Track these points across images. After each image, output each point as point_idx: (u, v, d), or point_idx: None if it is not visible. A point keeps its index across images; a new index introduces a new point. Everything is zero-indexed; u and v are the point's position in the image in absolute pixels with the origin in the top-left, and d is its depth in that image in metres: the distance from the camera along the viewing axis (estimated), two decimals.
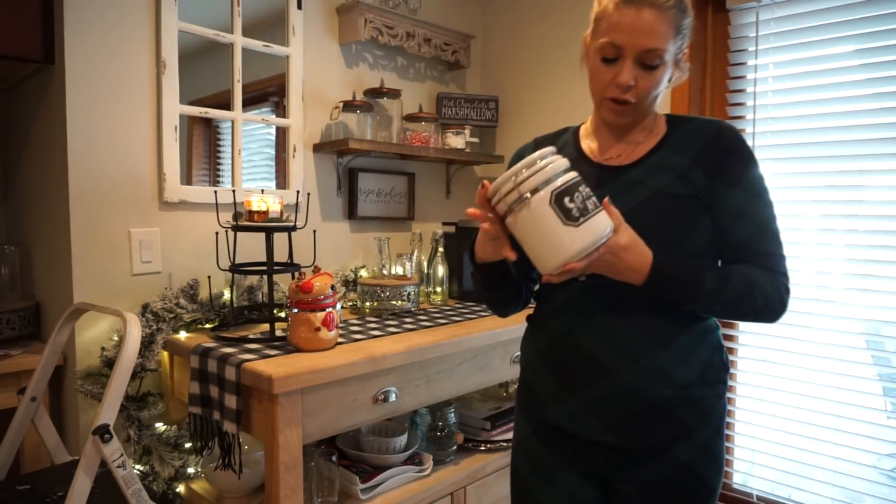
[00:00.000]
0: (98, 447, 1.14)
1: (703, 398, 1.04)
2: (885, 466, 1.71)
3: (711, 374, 1.05)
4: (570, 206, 0.89)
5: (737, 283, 0.99)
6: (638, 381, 1.02)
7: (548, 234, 0.90)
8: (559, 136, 1.22)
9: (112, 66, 1.60)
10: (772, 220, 1.03)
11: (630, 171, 1.07)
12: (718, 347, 1.09)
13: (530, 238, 0.92)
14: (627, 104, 1.03)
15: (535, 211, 0.90)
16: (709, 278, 0.99)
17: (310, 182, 2.05)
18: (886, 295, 1.70)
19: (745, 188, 1.02)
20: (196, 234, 1.77)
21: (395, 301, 1.90)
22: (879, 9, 1.67)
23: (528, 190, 0.90)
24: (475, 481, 1.79)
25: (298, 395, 1.31)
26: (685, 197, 1.02)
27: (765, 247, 1.02)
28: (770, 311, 1.01)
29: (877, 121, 1.69)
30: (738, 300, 0.99)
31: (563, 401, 1.08)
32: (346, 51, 2.15)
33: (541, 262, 0.93)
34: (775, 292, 1.00)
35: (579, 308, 1.06)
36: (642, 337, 1.02)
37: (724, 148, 1.03)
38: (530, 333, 1.19)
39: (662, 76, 1.01)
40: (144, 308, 1.60)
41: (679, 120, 1.10)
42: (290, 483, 1.31)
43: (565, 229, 0.89)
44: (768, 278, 1.00)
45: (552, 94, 2.39)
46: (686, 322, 1.04)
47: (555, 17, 2.36)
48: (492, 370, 1.76)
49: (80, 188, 1.56)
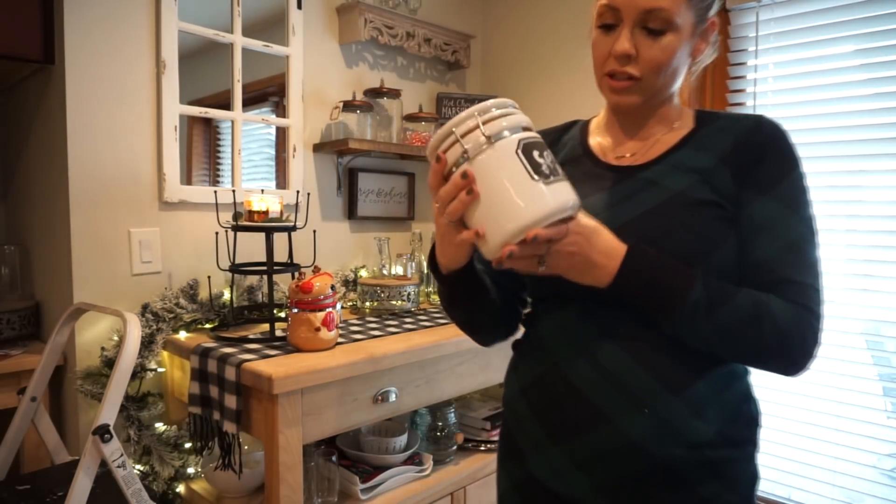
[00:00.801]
0: (98, 447, 1.14)
1: (726, 461, 0.82)
2: (885, 466, 1.71)
3: (737, 431, 0.84)
4: (540, 161, 0.72)
5: (742, 303, 0.77)
6: (640, 435, 0.80)
7: (513, 185, 0.71)
8: (565, 131, 1.02)
9: (112, 66, 1.60)
10: (806, 241, 0.81)
11: (643, 171, 0.87)
12: (746, 398, 0.87)
13: (490, 190, 0.72)
14: (631, 81, 0.84)
15: (501, 156, 0.71)
16: (700, 286, 0.77)
17: (310, 182, 2.05)
18: (886, 295, 1.70)
19: (776, 197, 0.81)
20: (196, 234, 1.77)
21: (395, 301, 1.90)
22: (879, 9, 1.67)
23: (495, 132, 0.72)
24: (475, 481, 1.79)
25: (298, 395, 1.31)
26: (708, 204, 0.81)
27: (791, 272, 0.80)
28: (785, 354, 0.77)
29: (877, 121, 1.69)
30: (737, 328, 0.76)
31: (547, 451, 0.87)
32: (346, 51, 2.15)
33: (498, 224, 0.72)
34: (796, 331, 0.77)
35: (571, 335, 0.85)
36: (648, 378, 0.80)
37: (759, 146, 0.83)
38: (514, 365, 0.97)
39: (675, 47, 0.81)
40: (144, 308, 1.60)
41: (711, 115, 0.90)
42: (290, 483, 1.31)
43: (534, 184, 0.70)
44: (791, 311, 0.77)
45: (552, 94, 2.38)
46: (705, 363, 0.82)
47: (555, 16, 2.36)
48: (492, 370, 1.76)
49: (80, 188, 1.56)
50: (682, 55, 0.83)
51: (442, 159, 0.75)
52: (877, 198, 1.71)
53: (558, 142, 1.00)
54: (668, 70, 0.83)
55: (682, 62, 0.84)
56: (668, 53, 0.82)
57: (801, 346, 0.78)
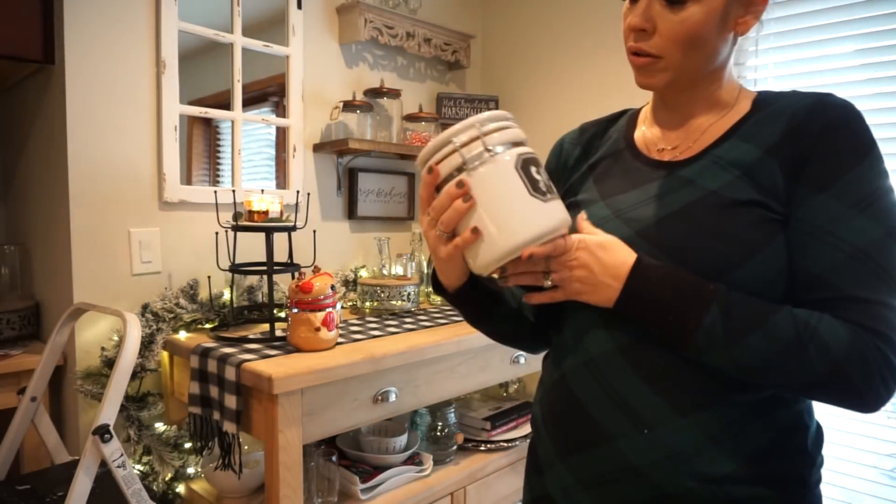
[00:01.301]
0: (98, 447, 1.14)
1: (757, 501, 0.70)
2: (885, 466, 1.71)
3: (776, 466, 0.71)
4: (538, 178, 0.70)
5: (779, 326, 0.64)
6: (641, 459, 0.72)
7: (511, 201, 0.69)
8: (612, 123, 0.92)
9: (112, 66, 1.60)
10: (880, 247, 0.65)
11: (682, 168, 0.77)
12: (795, 428, 0.73)
13: (486, 204, 0.69)
14: (650, 58, 0.74)
15: (500, 170, 0.69)
16: (715, 308, 0.66)
17: (310, 182, 2.05)
18: None
19: (837, 194, 0.67)
20: (196, 234, 1.77)
21: (395, 301, 1.90)
22: (879, 9, 1.67)
23: (495, 144, 0.70)
24: (475, 481, 1.79)
25: (298, 395, 1.31)
26: (748, 204, 0.70)
27: (856, 287, 0.65)
28: (844, 388, 0.64)
29: (877, 121, 1.69)
30: (772, 357, 0.64)
31: (556, 467, 0.81)
32: (346, 51, 2.15)
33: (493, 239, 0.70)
34: (856, 360, 0.63)
35: (583, 345, 0.79)
36: (653, 396, 0.71)
37: (818, 131, 0.68)
38: (542, 375, 0.92)
39: (699, 19, 0.70)
40: (144, 308, 1.60)
41: (770, 97, 0.76)
42: (290, 483, 1.31)
43: (532, 200, 0.68)
44: (850, 336, 0.63)
45: (553, 94, 2.38)
46: (735, 385, 0.70)
47: (555, 16, 2.36)
48: (492, 370, 1.76)
49: (80, 188, 1.56)
50: (711, 29, 0.71)
51: (434, 170, 0.71)
52: None
53: (603, 135, 0.91)
54: (692, 46, 0.72)
55: (714, 37, 0.72)
56: (689, 27, 0.70)
57: (866, 378, 0.63)
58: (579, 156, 0.92)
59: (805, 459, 0.74)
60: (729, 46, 0.76)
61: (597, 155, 0.89)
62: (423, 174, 0.73)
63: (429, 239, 0.75)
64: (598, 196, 0.83)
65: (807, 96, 0.72)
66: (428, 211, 0.73)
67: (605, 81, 2.20)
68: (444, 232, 0.71)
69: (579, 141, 0.93)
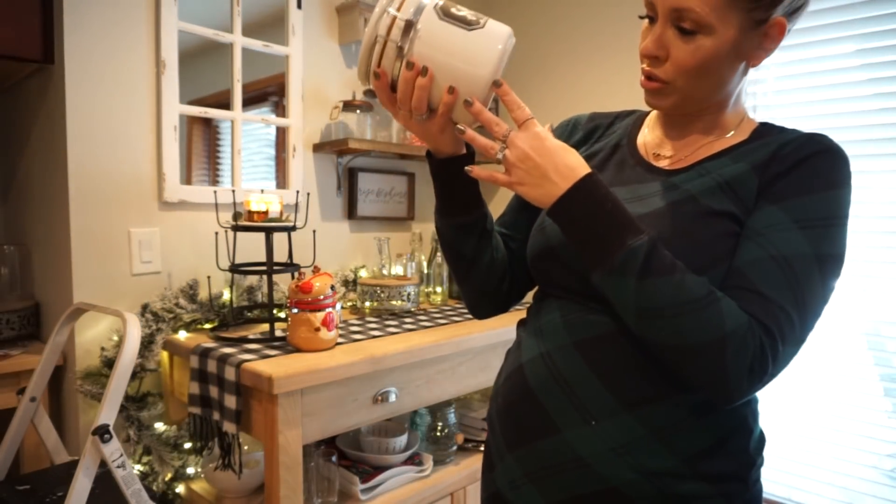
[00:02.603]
0: (98, 447, 1.14)
1: (697, 498, 0.73)
2: (886, 466, 1.71)
3: (717, 465, 0.73)
4: (462, 13, 0.73)
5: (690, 283, 0.66)
6: (587, 450, 0.73)
7: (460, 48, 0.71)
8: (619, 119, 0.95)
9: (112, 65, 1.59)
10: (805, 265, 0.67)
11: (672, 176, 0.79)
12: (739, 430, 0.76)
13: (443, 63, 0.72)
14: (659, 83, 0.76)
15: (433, 31, 0.71)
16: (649, 239, 0.67)
17: (309, 182, 2.05)
18: (886, 295, 1.70)
19: (785, 208, 0.70)
20: (196, 234, 1.77)
21: (395, 301, 1.90)
22: (879, 9, 1.67)
23: (411, 14, 0.71)
24: (475, 481, 1.79)
25: (298, 396, 1.31)
26: (721, 215, 0.72)
27: (764, 286, 0.67)
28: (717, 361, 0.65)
29: (877, 121, 1.69)
30: (671, 306, 0.65)
31: (505, 459, 0.82)
32: (346, 50, 2.15)
33: (470, 84, 0.73)
34: (738, 337, 0.65)
35: (542, 336, 0.81)
36: (603, 389, 0.73)
37: (796, 158, 0.72)
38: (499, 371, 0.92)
39: (709, 51, 0.71)
40: (144, 308, 1.60)
41: (771, 129, 0.80)
42: (290, 483, 1.31)
43: (472, 34, 0.71)
44: (742, 318, 0.66)
45: (553, 94, 2.38)
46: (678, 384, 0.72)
47: (555, 16, 2.36)
48: (492, 370, 1.76)
49: (80, 188, 1.56)
50: (722, 61, 0.72)
51: (381, 74, 0.73)
52: (877, 198, 1.71)
53: (609, 126, 0.93)
54: (700, 76, 0.73)
55: (724, 69, 0.74)
56: (698, 58, 0.72)
57: (737, 361, 0.64)
58: (580, 139, 0.95)
59: (746, 460, 0.76)
60: (739, 77, 0.78)
61: (596, 146, 0.92)
62: (373, 82, 0.75)
63: (413, 129, 0.78)
64: None
65: (803, 133, 0.75)
66: (398, 107, 0.75)
67: (607, 82, 2.20)
68: (422, 113, 0.75)
69: (585, 126, 0.96)
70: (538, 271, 0.86)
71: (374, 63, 0.73)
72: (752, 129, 0.80)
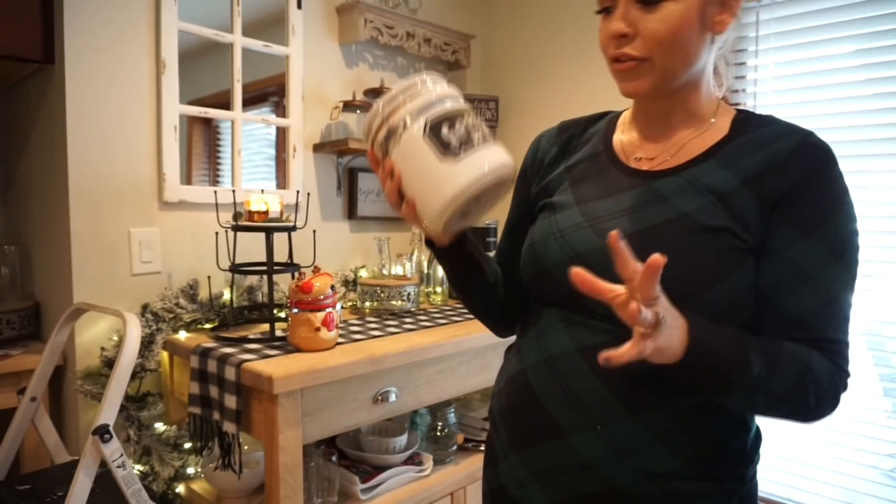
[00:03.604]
0: (98, 447, 1.14)
1: (698, 496, 0.75)
2: (885, 466, 1.71)
3: (718, 465, 0.76)
4: (449, 139, 0.71)
5: (788, 368, 0.70)
6: (591, 453, 0.75)
7: (426, 170, 0.72)
8: (592, 123, 0.94)
9: (112, 66, 1.59)
10: (845, 292, 0.74)
11: (658, 180, 0.79)
12: (738, 429, 0.78)
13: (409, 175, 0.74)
14: (633, 62, 0.75)
15: (412, 142, 0.72)
16: (756, 357, 0.69)
17: (310, 182, 2.05)
18: (886, 295, 1.70)
19: (822, 240, 0.72)
20: (196, 234, 1.77)
21: (395, 301, 1.90)
22: (879, 9, 1.67)
23: (400, 121, 0.72)
24: (475, 481, 1.79)
25: (298, 395, 1.31)
26: (719, 231, 0.73)
27: (829, 330, 0.73)
28: (819, 413, 0.73)
29: (877, 121, 1.69)
30: (786, 395, 0.70)
31: (510, 458, 0.84)
32: (346, 51, 2.15)
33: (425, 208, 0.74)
34: (833, 393, 0.72)
35: (543, 341, 0.82)
36: (606, 394, 0.74)
37: (801, 174, 0.72)
38: (501, 368, 0.95)
39: (678, 16, 0.72)
40: (144, 308, 1.60)
41: (751, 120, 0.80)
42: (290, 483, 1.31)
43: (442, 165, 0.71)
44: (830, 372, 0.72)
45: (553, 94, 2.38)
46: (678, 388, 0.73)
47: (556, 16, 2.36)
48: (492, 370, 1.76)
49: (80, 188, 1.56)
50: (691, 27, 0.73)
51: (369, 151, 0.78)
52: (877, 198, 1.71)
53: (583, 133, 0.93)
54: (674, 43, 0.73)
55: (694, 36, 0.73)
56: (668, 24, 0.72)
57: (833, 405, 0.73)
58: (556, 154, 0.93)
59: (745, 458, 0.79)
60: (707, 48, 0.77)
61: (574, 157, 0.90)
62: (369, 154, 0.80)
63: None
64: (573, 200, 0.85)
65: (790, 132, 0.76)
66: None
67: (605, 81, 2.19)
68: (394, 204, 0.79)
69: (557, 140, 0.94)
70: (535, 288, 0.88)
71: (371, 135, 0.78)
72: (730, 117, 0.81)
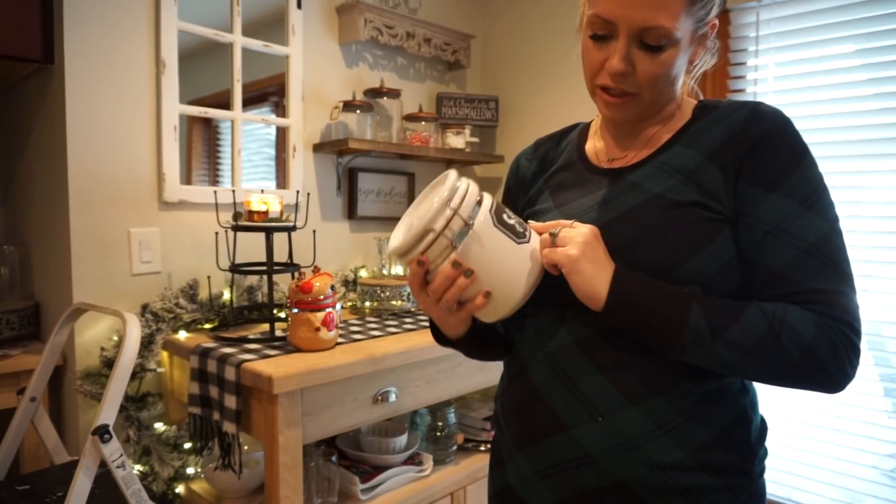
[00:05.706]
0: (98, 447, 1.14)
1: (702, 490, 0.74)
2: (885, 466, 1.71)
3: (721, 457, 0.75)
4: (511, 221, 0.75)
5: (751, 320, 0.69)
6: (594, 446, 0.75)
7: (506, 258, 0.73)
8: (564, 136, 0.98)
9: (112, 66, 1.59)
10: (829, 240, 0.72)
11: (630, 173, 0.82)
12: (740, 420, 0.77)
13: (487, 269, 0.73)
14: (625, 96, 0.78)
15: (486, 235, 0.72)
16: (699, 308, 0.69)
17: (310, 182, 2.05)
18: (886, 295, 1.70)
19: (787, 193, 0.73)
20: (196, 234, 1.77)
21: (395, 301, 1.90)
22: (879, 9, 1.67)
23: (468, 214, 0.72)
24: (475, 481, 1.79)
25: (298, 395, 1.31)
26: (689, 205, 0.75)
27: (816, 280, 0.70)
28: (819, 371, 0.68)
29: (877, 121, 1.69)
30: (753, 348, 0.68)
31: (515, 457, 0.84)
32: (346, 51, 2.15)
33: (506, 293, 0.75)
34: (826, 344, 0.68)
35: (542, 339, 0.83)
36: (605, 383, 0.75)
37: (755, 136, 0.74)
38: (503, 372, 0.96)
39: (674, 59, 0.75)
40: (144, 308, 1.60)
41: (708, 106, 0.83)
42: (290, 483, 1.31)
43: (520, 247, 0.74)
44: (814, 322, 0.69)
45: (553, 94, 2.38)
46: (681, 378, 0.74)
47: (556, 16, 2.36)
48: (491, 370, 1.76)
49: (79, 188, 1.56)
50: (680, 66, 0.78)
51: (424, 260, 0.73)
52: (877, 198, 1.71)
53: (556, 148, 0.97)
54: (666, 82, 0.78)
55: (680, 70, 0.79)
56: (666, 67, 0.76)
57: (836, 360, 0.68)
58: (536, 170, 0.97)
59: (748, 451, 0.78)
60: (684, 75, 0.83)
61: (552, 168, 0.95)
62: (412, 267, 0.75)
63: (432, 313, 0.80)
64: (553, 205, 0.89)
65: (743, 106, 0.79)
66: (427, 294, 0.76)
67: None
68: (451, 307, 0.76)
69: (534, 156, 0.99)
70: None
71: (420, 250, 0.73)
72: (692, 107, 0.84)
